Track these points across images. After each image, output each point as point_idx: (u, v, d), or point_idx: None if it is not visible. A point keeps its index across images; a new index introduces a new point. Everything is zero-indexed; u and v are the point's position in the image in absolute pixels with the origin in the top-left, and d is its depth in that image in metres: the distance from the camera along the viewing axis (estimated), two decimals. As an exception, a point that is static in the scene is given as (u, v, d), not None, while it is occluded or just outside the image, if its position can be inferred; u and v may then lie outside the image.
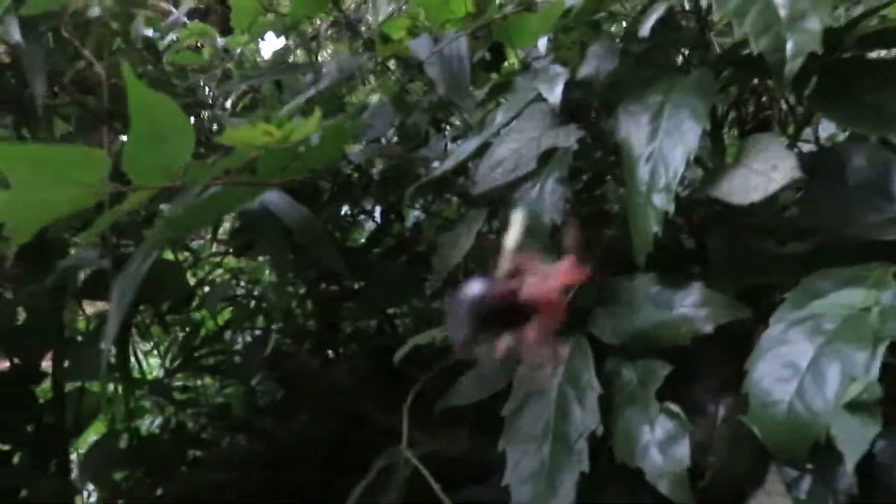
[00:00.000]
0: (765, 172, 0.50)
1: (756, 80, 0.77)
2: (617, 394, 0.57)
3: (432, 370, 0.72)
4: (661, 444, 0.52)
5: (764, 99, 0.89)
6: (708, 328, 0.54)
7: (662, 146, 0.54)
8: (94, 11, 0.61)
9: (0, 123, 0.96)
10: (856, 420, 0.40)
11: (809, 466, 0.49)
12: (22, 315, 0.97)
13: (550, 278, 0.31)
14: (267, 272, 1.23)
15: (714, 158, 0.62)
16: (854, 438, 0.39)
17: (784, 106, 0.81)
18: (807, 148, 0.75)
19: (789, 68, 0.47)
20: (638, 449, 0.53)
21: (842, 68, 0.58)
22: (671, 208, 0.52)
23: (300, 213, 0.64)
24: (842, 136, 0.79)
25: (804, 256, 0.61)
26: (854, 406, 0.40)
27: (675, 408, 0.53)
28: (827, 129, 0.81)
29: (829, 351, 0.45)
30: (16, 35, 0.59)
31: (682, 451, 0.51)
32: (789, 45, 0.48)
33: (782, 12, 0.49)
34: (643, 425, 0.54)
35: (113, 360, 0.98)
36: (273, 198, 0.63)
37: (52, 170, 0.34)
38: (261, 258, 1.12)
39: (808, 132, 0.76)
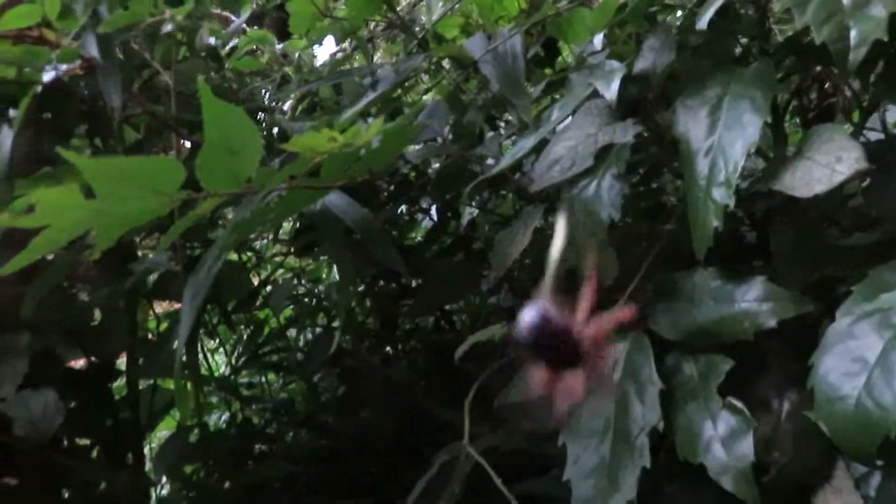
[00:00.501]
0: (828, 164, 0.49)
1: (818, 68, 0.75)
2: (678, 389, 0.57)
3: (491, 366, 0.73)
4: (724, 439, 0.52)
5: (827, 86, 0.87)
6: (771, 323, 0.53)
7: (722, 140, 0.54)
8: (168, 27, 0.64)
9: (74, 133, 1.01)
10: (929, 415, 0.39)
11: (879, 463, 0.48)
12: (97, 316, 1.02)
13: (601, 322, 0.31)
14: (326, 271, 1.26)
15: (775, 150, 0.61)
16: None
17: (848, 93, 0.79)
18: (874, 136, 0.73)
19: (853, 57, 0.47)
20: (700, 445, 0.52)
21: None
22: (731, 202, 0.51)
23: (360, 213, 0.66)
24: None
25: (871, 248, 0.60)
26: (926, 401, 0.39)
27: (738, 403, 0.52)
28: (895, 115, 0.79)
29: (899, 345, 0.44)
30: (93, 51, 0.62)
31: (746, 446, 0.50)
32: (853, 34, 0.47)
33: (846, 0, 0.48)
34: (705, 421, 0.53)
35: (183, 358, 1.02)
36: (334, 199, 0.65)
37: (133, 180, 0.36)
38: (322, 258, 1.15)
39: (874, 119, 0.74)
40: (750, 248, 0.73)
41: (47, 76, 0.65)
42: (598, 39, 0.65)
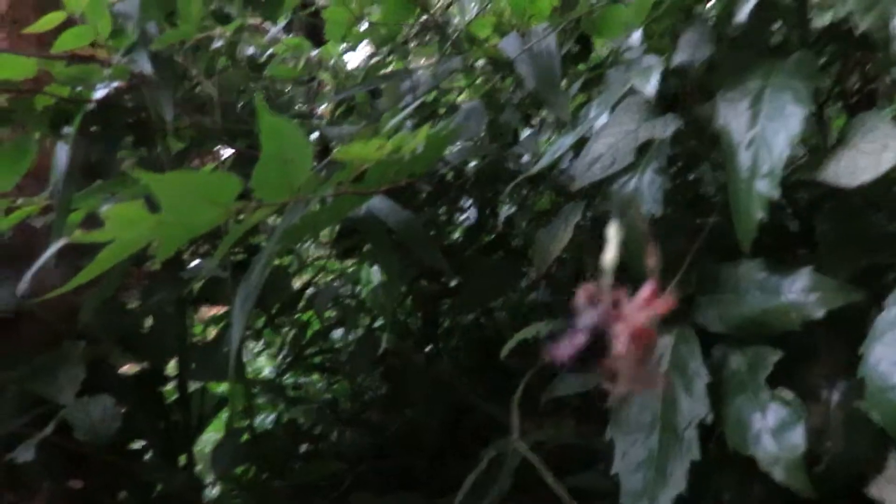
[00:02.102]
0: (873, 153, 0.49)
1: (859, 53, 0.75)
2: (726, 381, 0.57)
3: (536, 362, 0.74)
4: (773, 431, 0.52)
5: (868, 69, 0.86)
6: (819, 313, 0.53)
7: (765, 131, 0.54)
8: (217, 43, 0.66)
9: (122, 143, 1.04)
10: (984, 403, 0.39)
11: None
12: (147, 322, 1.05)
13: (636, 310, 0.31)
14: (366, 273, 1.27)
15: (818, 139, 0.61)
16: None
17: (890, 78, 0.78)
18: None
19: (896, 45, 0.46)
20: (750, 436, 0.53)
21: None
22: (776, 194, 0.51)
23: (402, 215, 0.67)
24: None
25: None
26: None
27: (787, 394, 0.52)
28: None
29: (952, 333, 0.44)
30: (147, 68, 0.64)
31: (797, 437, 0.50)
32: (895, 22, 0.46)
33: (887, -12, 0.48)
34: (754, 412, 0.53)
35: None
36: (377, 203, 0.66)
37: (195, 193, 0.37)
38: (362, 259, 1.17)
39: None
40: (793, 236, 0.73)
41: (99, 93, 0.67)
42: (637, 36, 0.65)
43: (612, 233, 0.34)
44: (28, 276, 0.44)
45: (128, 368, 1.10)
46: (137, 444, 1.05)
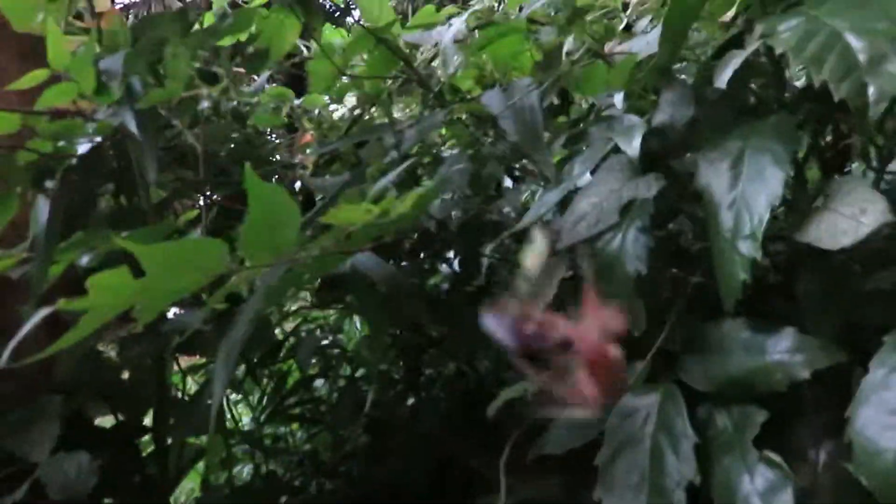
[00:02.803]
0: (853, 216, 0.50)
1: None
2: (712, 442, 0.57)
3: (522, 417, 0.73)
4: (762, 494, 0.51)
5: (842, 127, 0.88)
6: (805, 374, 0.54)
7: (745, 193, 0.55)
8: (204, 104, 0.66)
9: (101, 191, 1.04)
10: (971, 471, 0.39)
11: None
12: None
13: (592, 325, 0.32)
14: (347, 322, 1.27)
15: (797, 198, 0.62)
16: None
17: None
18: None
19: (873, 113, 0.47)
20: (738, 499, 0.52)
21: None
22: (759, 255, 0.52)
23: (387, 271, 0.67)
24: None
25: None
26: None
27: (775, 456, 0.52)
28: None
29: (936, 397, 0.44)
30: (132, 126, 0.64)
31: (786, 501, 0.50)
32: (871, 90, 0.47)
33: (861, 57, 0.49)
34: (742, 474, 0.53)
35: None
36: (362, 259, 0.66)
37: (182, 261, 0.37)
38: (341, 308, 1.16)
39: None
40: (772, 289, 0.74)
41: (82, 148, 0.67)
42: (619, 97, 0.67)
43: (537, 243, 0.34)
44: (10, 347, 0.43)
45: (101, 420, 1.08)
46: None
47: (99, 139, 0.69)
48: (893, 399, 0.46)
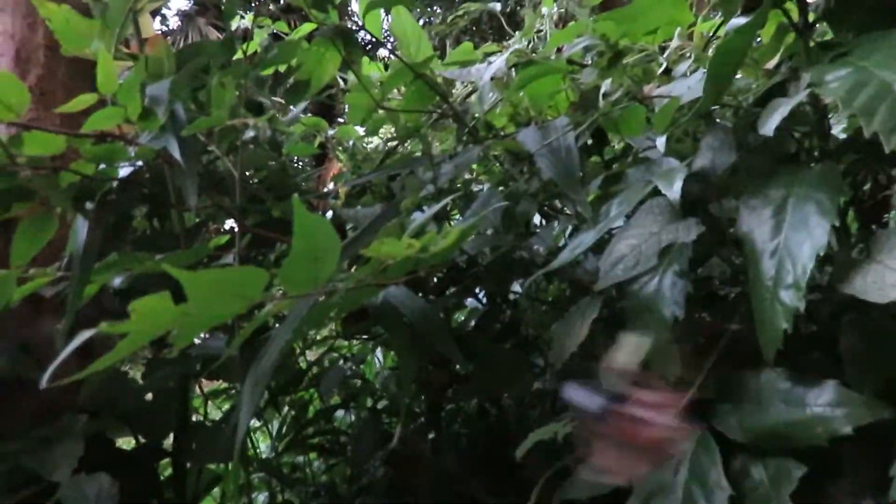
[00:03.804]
0: (901, 270, 0.49)
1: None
2: (748, 495, 0.55)
3: (544, 457, 0.72)
4: (800, 552, 0.50)
5: (881, 177, 0.87)
6: (847, 429, 0.52)
7: (789, 241, 0.54)
8: (249, 133, 0.67)
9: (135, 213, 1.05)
10: None
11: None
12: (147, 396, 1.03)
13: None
14: (370, 354, 1.26)
15: (841, 249, 0.61)
16: None
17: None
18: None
19: (923, 165, 0.47)
20: (775, 556, 0.51)
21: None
22: (802, 305, 0.51)
23: (419, 305, 0.67)
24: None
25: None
26: None
27: (814, 513, 0.51)
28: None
29: (985, 460, 0.43)
30: (176, 154, 0.65)
31: (825, 560, 0.48)
32: (922, 146, 0.47)
33: (912, 109, 0.48)
34: (780, 530, 0.52)
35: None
36: (394, 292, 0.66)
37: (224, 288, 0.37)
38: (366, 338, 1.15)
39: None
40: (809, 340, 0.72)
41: (123, 171, 0.68)
42: (662, 143, 0.66)
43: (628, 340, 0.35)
44: (50, 370, 0.44)
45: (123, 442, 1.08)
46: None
47: (140, 163, 0.70)
48: (941, 460, 0.45)
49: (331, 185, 1.27)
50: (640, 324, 0.61)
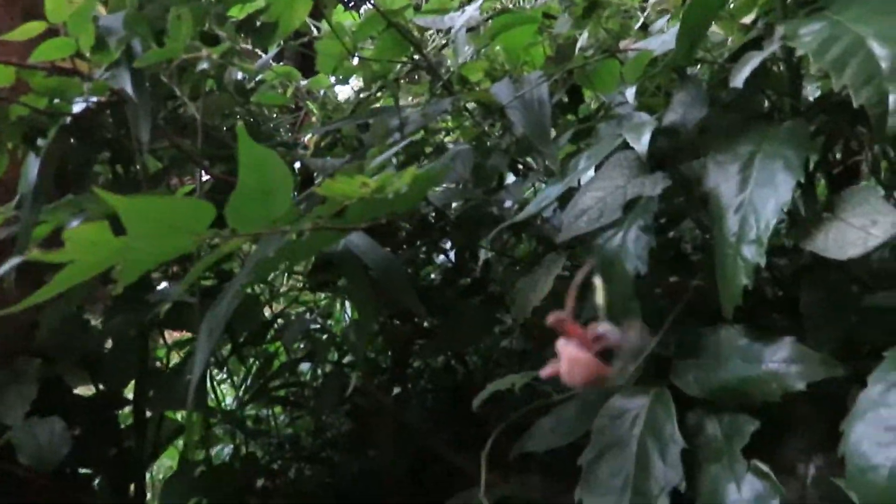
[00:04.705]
0: (863, 227, 0.49)
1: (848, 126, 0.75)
2: (701, 449, 0.56)
3: (507, 413, 0.72)
4: (749, 504, 0.50)
5: (853, 143, 0.87)
6: (800, 385, 0.52)
7: (753, 197, 0.53)
8: (203, 65, 0.65)
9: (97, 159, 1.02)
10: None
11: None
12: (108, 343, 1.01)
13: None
14: (338, 307, 1.25)
15: (806, 208, 0.60)
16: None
17: (877, 150, 0.78)
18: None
19: (892, 122, 0.46)
20: (725, 509, 0.51)
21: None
22: (762, 261, 0.51)
23: (381, 254, 0.65)
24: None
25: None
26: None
27: (764, 467, 0.51)
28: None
29: (935, 417, 0.43)
30: (127, 86, 0.62)
31: (773, 513, 0.49)
32: (891, 99, 0.46)
33: (884, 64, 0.47)
34: (729, 484, 0.52)
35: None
36: (355, 239, 0.64)
37: (165, 220, 0.35)
38: (335, 294, 1.14)
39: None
40: (771, 302, 0.72)
41: (77, 108, 0.65)
42: (631, 94, 0.65)
43: (598, 282, 0.35)
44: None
45: (83, 390, 1.06)
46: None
47: (94, 99, 0.67)
48: (890, 416, 0.45)
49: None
50: (604, 277, 0.61)
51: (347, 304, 1.22)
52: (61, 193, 0.79)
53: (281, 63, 1.20)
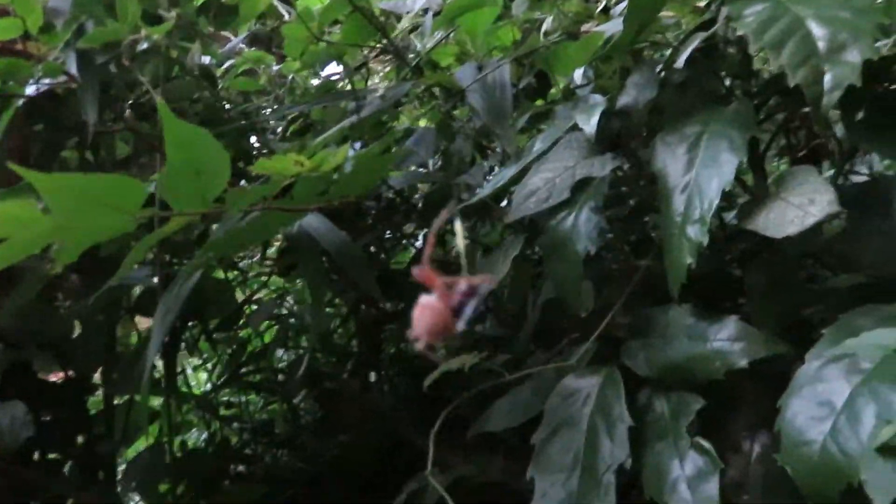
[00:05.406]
0: (801, 206, 0.49)
1: (807, 109, 0.76)
2: (648, 427, 0.57)
3: (461, 396, 0.72)
4: (690, 480, 0.51)
5: (815, 128, 0.87)
6: (742, 362, 0.53)
7: (699, 177, 0.54)
8: (143, 45, 0.64)
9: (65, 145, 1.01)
10: (888, 465, 0.38)
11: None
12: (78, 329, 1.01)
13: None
14: (306, 292, 1.25)
15: (755, 189, 0.61)
16: (884, 484, 0.38)
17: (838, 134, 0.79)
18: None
19: (827, 101, 0.47)
20: (667, 485, 0.52)
21: (890, 100, 0.57)
22: (705, 240, 0.51)
23: (338, 236, 0.65)
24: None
25: (852, 291, 0.60)
26: (887, 450, 0.39)
27: (705, 443, 0.52)
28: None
29: (866, 391, 0.44)
30: (72, 66, 0.62)
31: (712, 488, 0.50)
32: (827, 78, 0.47)
33: (821, 45, 0.48)
34: (673, 460, 0.53)
35: (161, 374, 1.01)
36: (312, 221, 0.64)
37: (90, 197, 0.35)
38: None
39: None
40: (735, 285, 0.73)
41: (30, 90, 0.65)
42: (579, 74, 0.65)
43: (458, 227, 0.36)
44: None
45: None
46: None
47: (49, 81, 0.67)
48: (825, 391, 0.46)
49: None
50: (556, 258, 0.61)
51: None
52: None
53: (253, 49, 1.19)
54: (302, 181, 0.46)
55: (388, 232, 0.94)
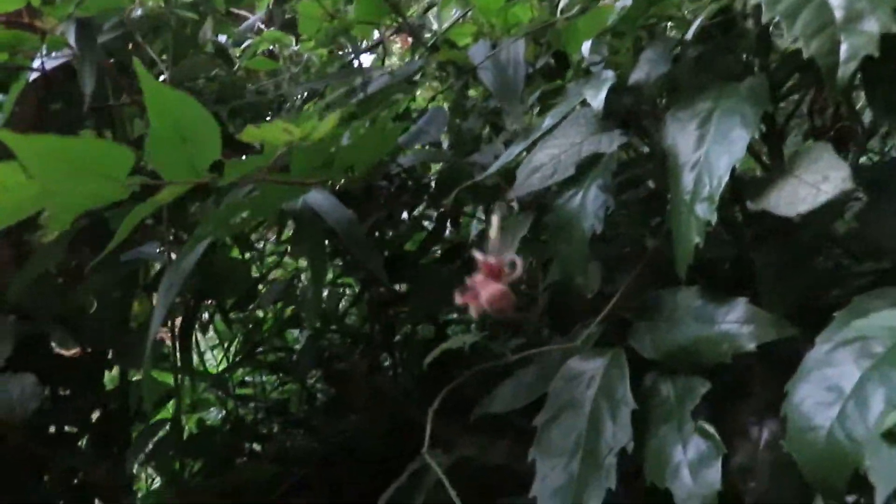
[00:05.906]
0: (814, 183, 0.47)
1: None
2: (653, 410, 0.55)
3: (462, 375, 0.71)
4: (692, 465, 0.49)
5: (843, 110, 0.84)
6: (750, 346, 0.51)
7: (709, 154, 0.52)
8: (137, 12, 0.64)
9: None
10: (893, 451, 0.37)
11: (850, 499, 0.45)
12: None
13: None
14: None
15: (772, 167, 0.59)
16: (889, 471, 0.36)
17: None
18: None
19: (842, 72, 0.44)
20: (669, 469, 0.50)
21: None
22: (713, 218, 0.49)
23: (343, 214, 0.65)
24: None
25: (868, 275, 0.58)
26: (892, 436, 0.37)
27: (709, 428, 0.50)
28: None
29: (876, 375, 0.42)
30: (71, 38, 0.62)
31: (714, 474, 0.48)
32: (843, 48, 0.45)
33: (838, 13, 0.46)
34: (676, 445, 0.51)
35: (176, 352, 1.02)
36: (316, 197, 0.64)
37: (74, 163, 0.35)
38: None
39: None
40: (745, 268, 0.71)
41: (37, 63, 0.65)
42: (587, 49, 0.64)
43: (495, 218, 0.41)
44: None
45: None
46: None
47: (56, 55, 0.67)
48: (833, 375, 0.44)
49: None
50: (562, 237, 0.60)
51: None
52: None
53: (272, 28, 1.18)
54: (297, 153, 0.45)
55: (404, 213, 0.93)
